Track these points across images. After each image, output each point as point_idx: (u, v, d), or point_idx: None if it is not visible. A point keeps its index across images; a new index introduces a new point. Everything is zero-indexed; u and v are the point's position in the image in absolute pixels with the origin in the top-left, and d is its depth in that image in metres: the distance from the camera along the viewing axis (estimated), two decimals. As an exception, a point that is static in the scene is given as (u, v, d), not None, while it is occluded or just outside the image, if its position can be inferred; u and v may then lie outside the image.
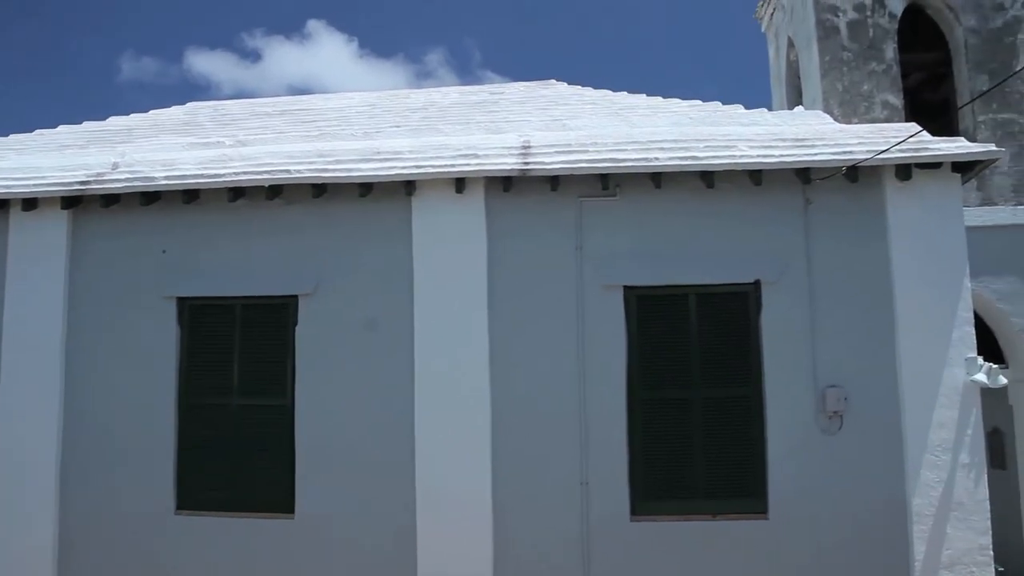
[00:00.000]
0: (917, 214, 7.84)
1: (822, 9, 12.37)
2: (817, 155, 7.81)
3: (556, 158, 7.93)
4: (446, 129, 9.41)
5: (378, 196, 8.16)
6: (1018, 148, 11.93)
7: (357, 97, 11.77)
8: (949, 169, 7.86)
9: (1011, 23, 12.25)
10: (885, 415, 7.65)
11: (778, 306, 7.83)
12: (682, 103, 10.10)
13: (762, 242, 7.91)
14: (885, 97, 12.11)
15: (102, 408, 8.27)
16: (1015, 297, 11.59)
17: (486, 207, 8.04)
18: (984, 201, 11.81)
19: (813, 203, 7.95)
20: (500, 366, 7.86)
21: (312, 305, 8.16)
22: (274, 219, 8.31)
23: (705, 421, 7.80)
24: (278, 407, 8.10)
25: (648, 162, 7.78)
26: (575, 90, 11.11)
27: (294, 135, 9.66)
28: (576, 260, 7.96)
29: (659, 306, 7.94)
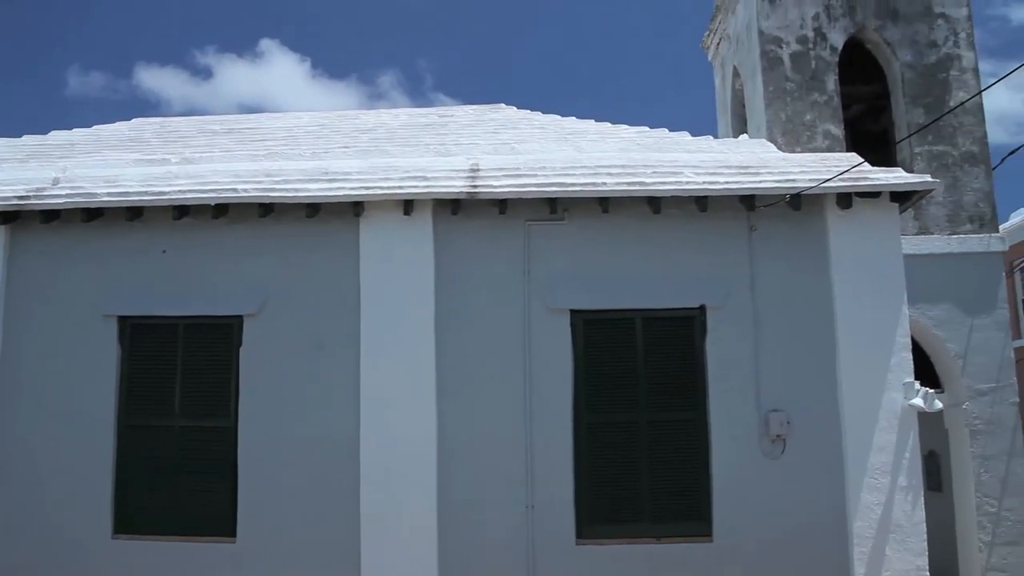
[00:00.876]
0: (857, 242, 8.03)
1: (766, 41, 12.67)
2: (761, 183, 7.96)
3: (504, 182, 7.98)
4: (395, 151, 9.40)
5: (326, 217, 8.11)
6: (952, 180, 12.31)
7: (306, 117, 11.71)
8: (888, 199, 8.07)
9: (944, 59, 12.67)
10: (826, 439, 7.78)
11: (723, 331, 7.94)
12: (630, 129, 10.24)
13: (707, 267, 8.03)
14: (827, 127, 12.41)
15: (37, 429, 8.03)
16: (950, 323, 11.92)
17: (434, 229, 8.04)
18: (921, 230, 12.15)
19: (757, 229, 8.10)
20: (447, 389, 7.84)
21: (257, 326, 8.06)
22: (219, 238, 8.21)
23: (651, 445, 7.85)
24: (221, 429, 7.96)
25: (596, 187, 7.87)
26: (524, 114, 11.20)
27: (241, 154, 9.56)
28: (523, 283, 7.99)
29: (605, 330, 8.00)
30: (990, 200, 12.36)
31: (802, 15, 12.74)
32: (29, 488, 7.97)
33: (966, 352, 11.92)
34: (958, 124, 12.49)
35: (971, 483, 11.72)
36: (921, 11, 12.78)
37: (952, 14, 12.78)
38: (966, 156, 12.44)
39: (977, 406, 11.81)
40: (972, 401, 11.81)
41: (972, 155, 12.44)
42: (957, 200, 12.30)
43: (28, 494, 7.96)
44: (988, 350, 11.89)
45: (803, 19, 12.73)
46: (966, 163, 12.42)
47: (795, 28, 12.71)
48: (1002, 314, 12.03)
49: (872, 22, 12.77)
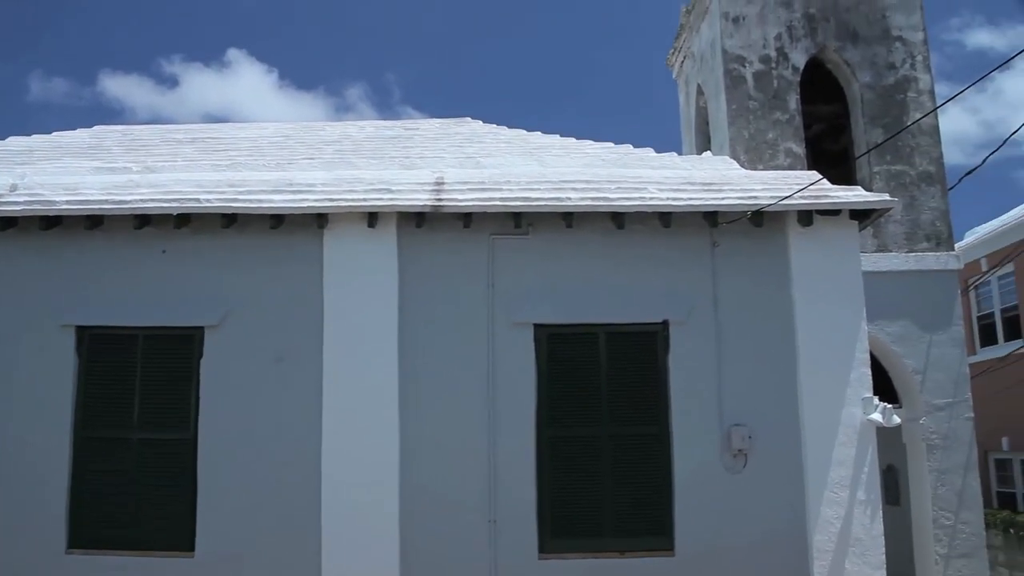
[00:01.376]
0: (818, 258, 8.14)
1: (730, 59, 12.84)
2: (724, 199, 8.05)
3: (469, 195, 7.99)
4: (360, 163, 9.38)
5: (289, 228, 8.07)
6: (910, 199, 12.54)
7: (271, 128, 11.65)
8: (848, 216, 8.20)
9: (902, 81, 12.93)
10: (787, 453, 7.86)
11: (685, 346, 8.00)
12: (594, 145, 10.32)
13: (670, 283, 8.09)
14: (789, 145, 12.59)
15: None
16: (908, 340, 12.11)
17: (398, 242, 8.03)
18: (879, 248, 12.35)
19: (720, 246, 8.18)
20: (409, 402, 7.81)
21: (218, 337, 7.97)
22: (181, 248, 8.12)
23: (613, 459, 7.87)
24: (180, 441, 7.85)
25: (560, 202, 7.91)
26: (490, 128, 11.24)
27: (205, 163, 9.49)
28: (487, 297, 8.00)
29: (569, 344, 8.03)
30: (946, 219, 12.60)
31: (765, 35, 12.94)
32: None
33: (923, 368, 12.11)
34: (915, 144, 12.74)
35: (928, 497, 11.88)
36: (879, 34, 13.04)
37: (909, 37, 13.05)
38: (923, 176, 12.69)
39: (934, 421, 11.99)
40: (929, 416, 12.00)
41: (929, 175, 12.69)
42: (914, 219, 12.52)
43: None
44: (945, 366, 12.09)
45: (766, 39, 12.93)
46: (923, 183, 12.66)
47: (758, 48, 12.89)
48: (958, 331, 12.24)
49: (832, 43, 13.00)
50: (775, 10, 13.01)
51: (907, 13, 13.12)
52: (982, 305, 19.51)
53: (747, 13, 12.97)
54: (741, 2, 13.01)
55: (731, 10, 12.97)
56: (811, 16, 13.04)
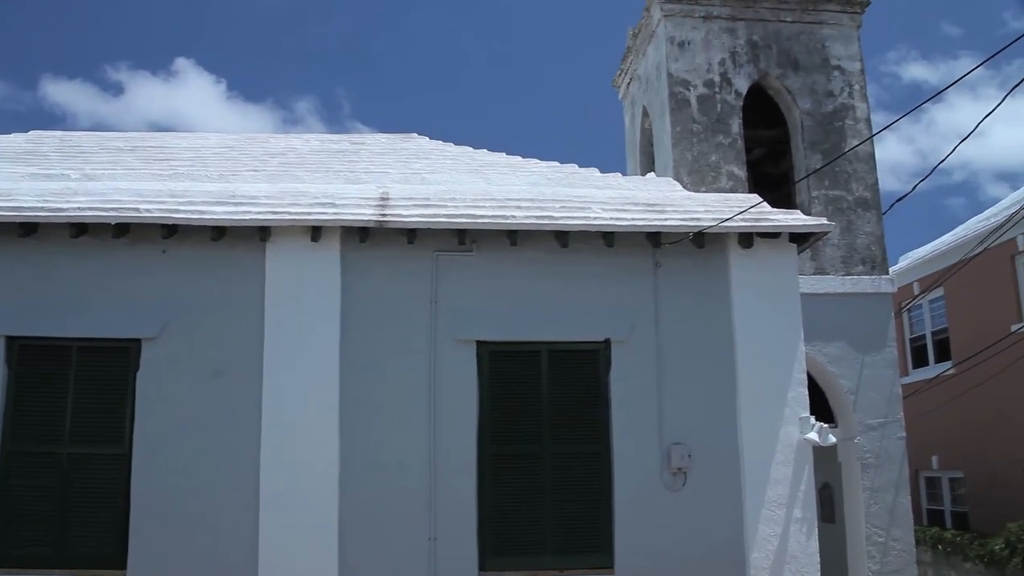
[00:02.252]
0: (757, 280, 8.29)
1: (675, 83, 13.06)
2: (667, 220, 8.17)
3: (414, 211, 7.98)
4: (304, 176, 9.30)
5: (231, 241, 7.96)
6: (847, 223, 12.86)
7: (214, 138, 11.49)
8: (787, 239, 8.38)
9: (840, 109, 13.29)
10: (726, 471, 7.97)
11: (627, 364, 8.07)
12: (540, 164, 10.38)
13: (613, 302, 8.17)
14: (731, 168, 12.83)
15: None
16: (844, 360, 12.39)
17: (341, 257, 7.97)
18: (817, 271, 12.63)
19: (662, 266, 8.28)
20: (349, 419, 7.74)
21: (156, 349, 7.81)
22: (119, 259, 7.95)
23: (554, 477, 7.89)
24: (113, 456, 7.66)
25: (505, 219, 7.94)
26: (436, 145, 11.23)
27: (146, 173, 9.31)
28: (430, 314, 7.98)
29: (511, 362, 8.04)
30: (881, 244, 12.95)
31: (709, 60, 13.19)
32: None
33: (858, 388, 12.40)
34: (852, 171, 13.08)
35: (861, 514, 12.14)
36: (819, 63, 13.40)
37: (847, 67, 13.44)
38: (859, 201, 13.03)
39: (868, 440, 12.27)
40: (863, 435, 12.27)
41: (865, 200, 13.03)
42: (851, 243, 12.84)
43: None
44: (878, 386, 12.40)
45: (710, 64, 13.18)
46: (859, 207, 13.00)
47: (702, 72, 13.14)
48: (891, 352, 12.57)
49: (774, 70, 13.31)
50: (719, 36, 13.29)
51: (845, 44, 13.51)
52: (914, 327, 20.04)
53: (692, 38, 13.22)
54: (687, 27, 13.26)
55: (677, 35, 13.21)
56: (754, 43, 13.35)
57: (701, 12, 13.30)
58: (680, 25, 13.25)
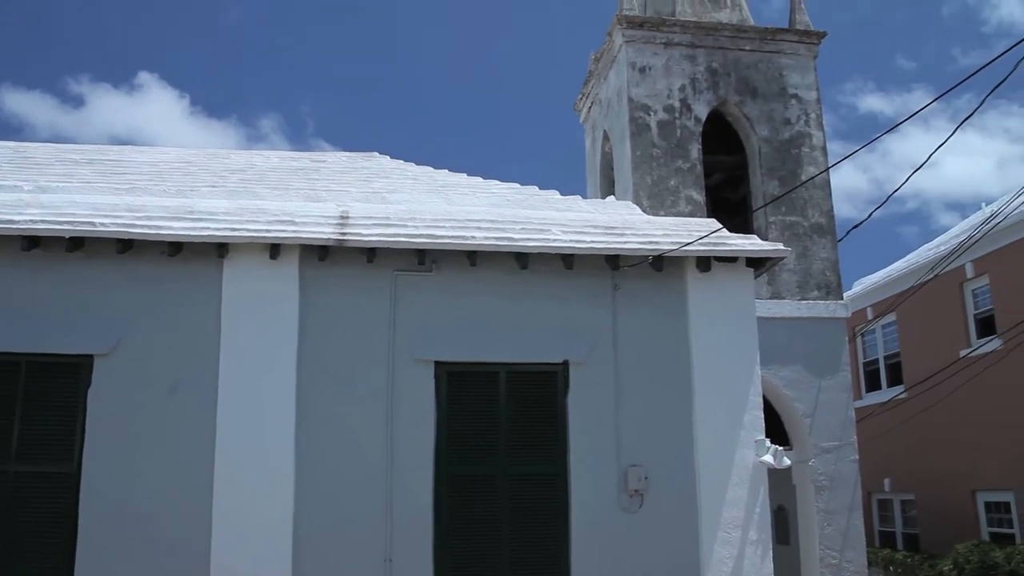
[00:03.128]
0: (715, 304, 8.39)
1: (635, 107, 13.21)
2: (626, 243, 8.24)
3: (373, 230, 7.96)
4: (264, 193, 9.23)
5: (188, 257, 7.87)
6: (802, 248, 13.07)
7: (174, 153, 11.38)
8: (744, 264, 8.49)
9: (796, 136, 13.55)
10: (682, 493, 8.01)
11: (585, 386, 8.10)
12: (501, 185, 10.43)
13: (571, 324, 8.20)
14: (690, 193, 12.99)
15: None
16: (799, 384, 12.55)
17: (300, 275, 7.92)
18: (774, 295, 12.80)
19: (620, 288, 8.34)
20: (306, 438, 7.66)
21: (109, 366, 7.67)
22: (72, 273, 7.81)
23: (512, 498, 7.87)
24: (62, 475, 7.49)
25: (464, 240, 7.95)
26: (397, 164, 11.23)
27: (102, 186, 9.17)
28: (389, 333, 7.95)
29: (470, 382, 8.03)
30: (836, 269, 13.18)
31: (669, 86, 13.38)
32: None
33: (813, 411, 12.57)
34: (808, 197, 13.32)
35: (815, 536, 12.27)
36: (777, 91, 13.66)
37: (804, 96, 13.71)
38: (815, 227, 13.25)
39: (822, 463, 12.42)
40: (818, 458, 12.42)
41: (820, 227, 13.27)
42: (807, 268, 13.05)
43: None
44: (833, 410, 12.58)
45: (670, 90, 13.37)
46: (815, 234, 13.22)
47: (663, 98, 13.32)
48: (845, 376, 12.77)
49: (733, 97, 13.54)
50: (680, 63, 13.49)
51: (802, 73, 13.80)
52: (867, 352, 20.38)
53: (653, 64, 13.41)
54: (648, 53, 13.44)
55: (638, 60, 13.38)
56: (714, 70, 13.57)
57: (662, 39, 13.50)
58: (641, 51, 13.43)
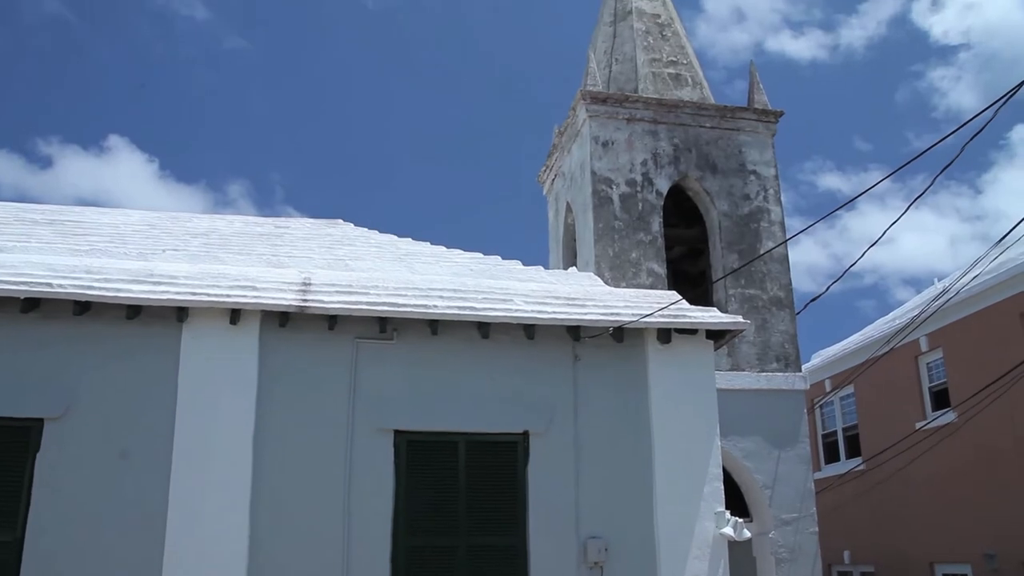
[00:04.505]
0: (675, 375, 8.45)
1: (598, 180, 13.44)
2: (587, 314, 8.30)
3: (335, 297, 7.95)
4: (226, 258, 9.20)
5: (147, 320, 7.78)
6: (761, 321, 13.24)
7: (136, 215, 11.32)
8: (704, 336, 8.59)
9: (755, 211, 13.83)
10: (642, 566, 7.96)
11: (545, 457, 8.07)
12: (464, 254, 10.50)
13: (532, 394, 8.20)
14: (651, 265, 13.15)
15: None
16: (759, 455, 12.58)
17: (260, 341, 7.85)
18: (733, 367, 12.90)
19: (581, 359, 8.38)
20: (261, 508, 7.50)
21: (59, 430, 7.49)
22: (25, 334, 7.66)
23: (471, 569, 7.76)
24: (3, 544, 7.23)
25: (426, 309, 7.96)
26: (361, 232, 11.27)
27: (61, 247, 9.08)
28: (348, 401, 7.88)
29: (429, 452, 7.96)
30: (794, 342, 13.34)
31: (632, 160, 13.64)
32: None
33: (772, 483, 12.57)
34: (767, 271, 13.54)
35: (775, 611, 12.15)
36: (736, 167, 13.98)
37: (762, 172, 14.05)
38: (774, 300, 13.45)
39: (782, 535, 12.39)
40: (777, 530, 12.39)
41: (779, 300, 13.47)
42: (766, 340, 13.20)
43: None
44: (792, 482, 12.59)
45: (633, 164, 13.63)
46: (774, 306, 13.41)
47: (625, 171, 13.56)
48: (804, 448, 12.83)
49: (694, 172, 13.83)
50: (642, 138, 13.78)
51: (760, 150, 14.16)
52: (826, 424, 20.54)
53: (616, 138, 13.68)
54: (611, 128, 13.73)
55: (601, 134, 13.66)
56: (675, 146, 13.88)
57: (625, 114, 13.81)
58: (604, 126, 13.72)
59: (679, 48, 15.48)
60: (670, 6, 16.12)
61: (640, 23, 15.41)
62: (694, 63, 15.48)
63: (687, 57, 15.44)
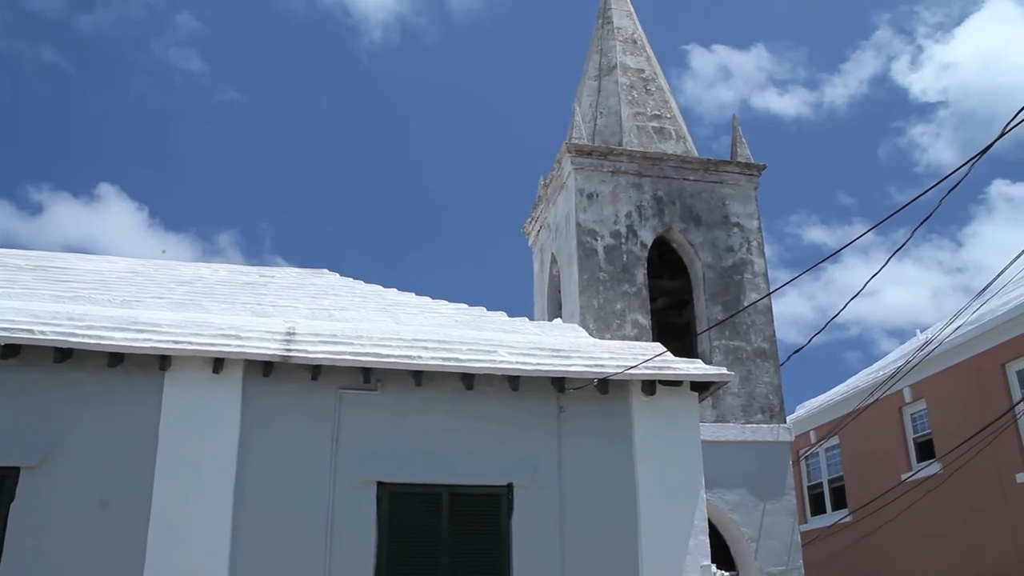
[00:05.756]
0: (660, 427, 8.44)
1: (583, 232, 13.53)
2: (572, 366, 8.31)
3: (319, 347, 7.93)
4: (211, 306, 9.18)
5: (129, 368, 7.73)
6: (746, 372, 13.26)
7: (121, 263, 11.29)
8: (688, 387, 8.60)
9: (739, 264, 13.94)
10: (627, 621, 7.84)
11: (529, 509, 8.01)
12: (449, 305, 10.51)
13: (516, 446, 8.17)
14: (635, 317, 13.19)
15: None
16: (744, 508, 12.50)
17: (243, 390, 7.81)
18: (718, 418, 12.88)
19: (566, 411, 8.36)
20: (241, 560, 7.40)
21: (36, 479, 7.38)
22: (4, 381, 7.58)
23: (452, 624, 7.63)
24: (-26, 597, 7.09)
25: (411, 360, 7.95)
26: (346, 282, 11.28)
27: (45, 294, 9.04)
28: (331, 452, 7.83)
29: (412, 504, 7.89)
30: (779, 393, 13.35)
31: (616, 212, 13.75)
32: None
33: (758, 535, 12.47)
34: (751, 322, 13.59)
35: (761, 666, 11.98)
36: (720, 219, 14.12)
37: (746, 224, 14.19)
38: (758, 352, 13.49)
39: (768, 589, 12.25)
40: (763, 585, 12.26)
41: (763, 351, 13.50)
42: (750, 392, 13.20)
43: None
44: (778, 534, 12.50)
45: (617, 216, 13.74)
46: (758, 358, 13.44)
47: (610, 223, 13.66)
48: (790, 500, 12.76)
49: (678, 224, 13.94)
50: (627, 190, 13.92)
51: (744, 203, 14.32)
52: (812, 475, 20.46)
53: (601, 191, 13.81)
54: (596, 180, 13.86)
55: (586, 187, 13.78)
56: (659, 198, 14.01)
57: (609, 167, 13.95)
58: (589, 178, 13.85)
59: (663, 102, 15.72)
60: (654, 61, 16.39)
61: (625, 77, 15.65)
62: (678, 117, 15.71)
63: (671, 111, 15.67)
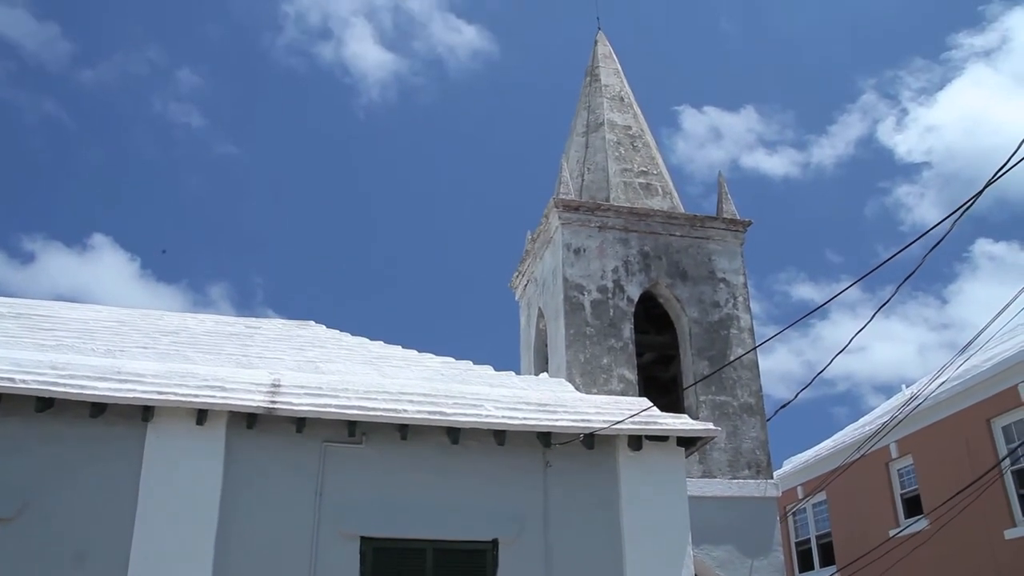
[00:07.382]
0: (646, 482, 8.39)
1: (570, 287, 13.58)
2: (558, 421, 8.27)
3: (304, 400, 7.88)
4: (195, 357, 9.13)
5: (111, 418, 7.64)
6: (732, 428, 13.23)
7: (106, 312, 11.24)
8: (675, 443, 8.57)
9: (725, 319, 14.00)
10: None
11: (514, 565, 7.92)
12: (435, 359, 10.49)
13: (502, 501, 8.10)
14: (622, 371, 13.18)
15: None
16: (731, 564, 12.39)
17: (227, 442, 7.73)
18: (705, 473, 12.82)
19: (552, 466, 8.31)
20: (220, 616, 7.25)
21: (9, 532, 7.23)
22: (-17, 431, 7.49)
23: None
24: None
25: (396, 413, 7.91)
26: (333, 334, 11.25)
27: (28, 342, 8.97)
28: (315, 506, 7.73)
29: (396, 559, 7.79)
30: (765, 448, 13.31)
31: (603, 267, 13.83)
32: None
33: (747, 593, 12.33)
34: (737, 378, 13.61)
35: None
36: (706, 275, 14.22)
37: (732, 280, 14.29)
38: (744, 407, 13.48)
39: (755, 649, 12.09)
40: (750, 645, 12.10)
41: (750, 406, 13.50)
42: (737, 447, 13.16)
43: None
44: (766, 592, 12.36)
45: (604, 271, 13.81)
46: (744, 413, 13.43)
47: (596, 278, 13.73)
48: (777, 556, 12.66)
49: (664, 279, 14.03)
50: (613, 245, 14.02)
51: (729, 259, 14.44)
52: (799, 531, 20.29)
53: (588, 246, 13.91)
54: (583, 235, 13.96)
55: (573, 242, 13.88)
56: (646, 253, 14.11)
57: (597, 222, 14.07)
58: (577, 233, 13.96)
59: (650, 159, 15.92)
60: (641, 118, 16.64)
61: (612, 134, 15.86)
62: (664, 173, 15.90)
63: (657, 167, 15.86)
